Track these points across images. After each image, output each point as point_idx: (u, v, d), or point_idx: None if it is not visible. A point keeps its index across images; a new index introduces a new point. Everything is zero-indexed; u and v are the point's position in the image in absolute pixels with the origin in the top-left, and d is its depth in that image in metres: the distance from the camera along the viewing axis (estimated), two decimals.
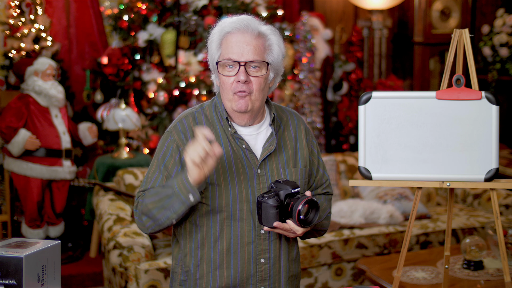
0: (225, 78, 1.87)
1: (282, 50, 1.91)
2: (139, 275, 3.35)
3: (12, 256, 1.57)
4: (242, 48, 1.84)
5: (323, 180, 2.09)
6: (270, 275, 1.93)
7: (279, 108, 2.05)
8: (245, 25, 1.86)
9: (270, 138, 1.94)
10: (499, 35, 5.82)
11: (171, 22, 4.95)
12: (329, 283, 3.89)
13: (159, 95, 4.87)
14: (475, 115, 1.99)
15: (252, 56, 1.84)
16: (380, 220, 4.16)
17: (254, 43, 1.85)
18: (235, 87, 1.86)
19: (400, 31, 6.46)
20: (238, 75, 1.84)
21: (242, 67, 1.84)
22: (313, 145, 2.06)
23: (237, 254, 1.90)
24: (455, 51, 2.05)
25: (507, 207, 4.41)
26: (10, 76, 4.85)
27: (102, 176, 4.58)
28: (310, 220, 1.83)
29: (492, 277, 3.16)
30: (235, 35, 1.86)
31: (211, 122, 1.94)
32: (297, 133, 2.02)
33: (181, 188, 1.78)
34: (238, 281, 1.91)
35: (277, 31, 1.92)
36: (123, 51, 5.02)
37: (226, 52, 1.86)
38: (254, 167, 1.91)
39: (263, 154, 1.92)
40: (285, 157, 1.96)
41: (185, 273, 1.97)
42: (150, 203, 1.85)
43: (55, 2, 5.25)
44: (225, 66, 1.87)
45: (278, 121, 2.00)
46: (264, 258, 1.92)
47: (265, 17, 5.07)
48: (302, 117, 2.09)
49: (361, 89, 6.00)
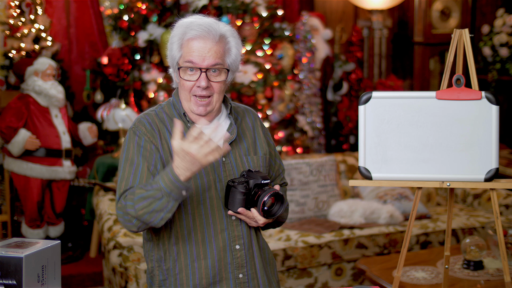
0: (185, 82, 1.92)
1: (240, 51, 1.97)
2: (139, 275, 3.35)
3: (12, 256, 1.57)
4: (204, 54, 1.88)
5: (279, 171, 2.17)
6: (246, 261, 1.98)
7: (234, 104, 2.12)
8: (206, 30, 1.88)
9: (230, 127, 2.02)
10: (499, 35, 5.82)
11: (171, 22, 4.94)
12: (329, 283, 3.89)
13: (159, 95, 4.87)
14: (475, 115, 1.99)
15: (213, 61, 1.89)
16: (380, 220, 4.16)
17: (215, 48, 1.89)
18: (194, 90, 1.92)
19: (400, 31, 6.46)
20: (199, 80, 1.89)
21: (204, 73, 1.89)
22: (269, 138, 2.14)
23: (212, 243, 1.93)
24: (455, 51, 2.05)
25: (507, 207, 4.41)
26: (10, 76, 4.85)
27: (102, 176, 4.58)
28: (273, 212, 1.91)
29: (492, 277, 3.16)
30: (197, 41, 1.89)
31: (171, 117, 1.98)
32: (254, 124, 2.10)
33: (172, 188, 1.76)
34: (217, 270, 1.94)
35: (235, 32, 1.97)
36: (123, 51, 5.02)
37: (187, 56, 1.90)
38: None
39: (225, 142, 1.94)
40: (246, 145, 2.04)
41: (164, 271, 1.97)
42: (140, 209, 1.81)
43: (55, 2, 5.25)
44: (186, 70, 1.91)
45: (234, 113, 2.07)
46: (239, 244, 1.96)
47: (265, 17, 5.07)
48: (256, 113, 2.16)
49: (361, 89, 6.00)
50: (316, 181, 4.37)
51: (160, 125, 1.96)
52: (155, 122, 1.96)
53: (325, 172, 4.43)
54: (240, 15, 4.96)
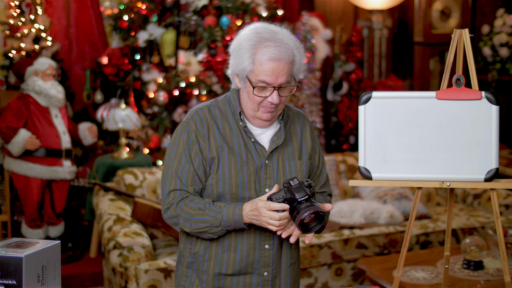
0: (256, 97, 1.96)
1: (303, 62, 2.01)
2: (139, 275, 3.35)
3: (12, 256, 1.57)
4: (277, 74, 1.92)
5: (320, 179, 2.17)
6: (273, 261, 2.05)
7: (286, 106, 2.15)
8: (283, 52, 1.91)
9: (279, 132, 2.05)
10: (499, 35, 5.82)
11: (171, 22, 4.95)
12: (329, 283, 3.89)
13: (159, 95, 4.87)
14: (475, 115, 1.99)
15: (285, 79, 1.94)
16: (380, 220, 4.16)
17: (287, 67, 1.94)
18: (265, 103, 1.97)
19: (400, 31, 6.46)
20: (272, 97, 1.94)
21: (276, 91, 1.94)
22: (315, 144, 2.15)
23: (244, 238, 2.01)
24: (455, 51, 2.05)
25: (507, 207, 4.41)
26: (10, 76, 4.85)
27: (102, 176, 4.58)
28: (310, 227, 1.89)
29: (492, 277, 3.16)
30: (274, 62, 1.92)
31: (224, 115, 2.05)
32: (303, 129, 2.13)
33: (231, 223, 1.94)
34: (244, 265, 2.03)
35: (297, 42, 2.00)
36: (123, 51, 5.02)
37: (262, 75, 1.93)
38: (262, 158, 2.02)
39: (271, 146, 2.03)
40: (290, 150, 2.07)
41: (192, 255, 2.08)
42: (195, 228, 1.97)
43: (55, 2, 5.25)
44: (257, 85, 1.95)
45: (285, 117, 2.10)
46: (269, 245, 2.03)
47: (265, 17, 5.07)
48: (307, 117, 2.20)
49: (361, 89, 6.00)
50: None
51: (211, 122, 2.03)
52: (206, 119, 2.03)
53: None
54: (240, 15, 4.96)
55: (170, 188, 2.01)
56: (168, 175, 2.02)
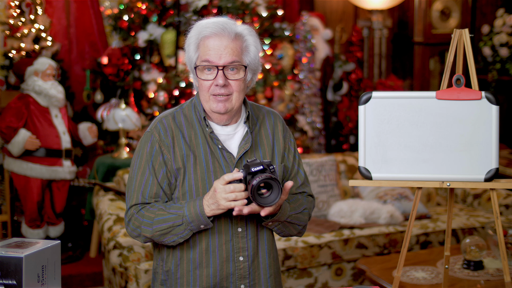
0: (203, 81, 1.90)
1: (258, 50, 1.94)
2: (139, 275, 3.35)
3: (12, 256, 1.57)
4: (220, 52, 1.86)
5: (298, 179, 2.08)
6: (249, 273, 1.96)
7: (256, 107, 2.08)
8: (221, 28, 1.87)
9: (246, 136, 1.97)
10: (499, 35, 5.82)
11: (171, 22, 4.95)
12: (329, 283, 3.89)
13: (159, 95, 4.87)
14: (475, 115, 1.99)
15: (230, 58, 1.86)
16: (380, 220, 4.16)
17: (232, 45, 1.87)
18: (213, 89, 1.89)
19: (400, 31, 6.46)
20: (217, 79, 1.87)
21: (221, 71, 1.87)
22: (290, 143, 2.07)
23: (216, 252, 1.93)
24: (455, 51, 2.05)
25: (507, 207, 4.41)
26: (10, 76, 4.85)
27: (102, 176, 4.58)
28: (265, 198, 1.77)
29: (492, 277, 3.16)
30: (212, 39, 1.87)
31: (190, 122, 1.97)
32: (274, 130, 2.04)
33: (194, 219, 1.83)
34: (218, 280, 1.93)
35: (253, 31, 1.95)
36: (123, 51, 5.02)
37: (204, 55, 1.88)
38: (231, 166, 1.93)
39: (239, 152, 1.94)
40: (261, 154, 1.99)
41: (165, 272, 1.99)
42: (157, 230, 1.87)
43: (55, 2, 5.25)
44: (203, 69, 1.89)
45: (254, 119, 2.02)
46: (243, 256, 1.95)
47: (265, 17, 5.07)
48: (280, 116, 2.11)
49: (361, 89, 6.00)
50: (316, 181, 4.37)
51: (175, 130, 1.94)
52: (170, 127, 1.94)
53: (325, 172, 4.43)
54: (240, 15, 4.96)
55: (132, 202, 1.93)
56: (131, 188, 1.94)
